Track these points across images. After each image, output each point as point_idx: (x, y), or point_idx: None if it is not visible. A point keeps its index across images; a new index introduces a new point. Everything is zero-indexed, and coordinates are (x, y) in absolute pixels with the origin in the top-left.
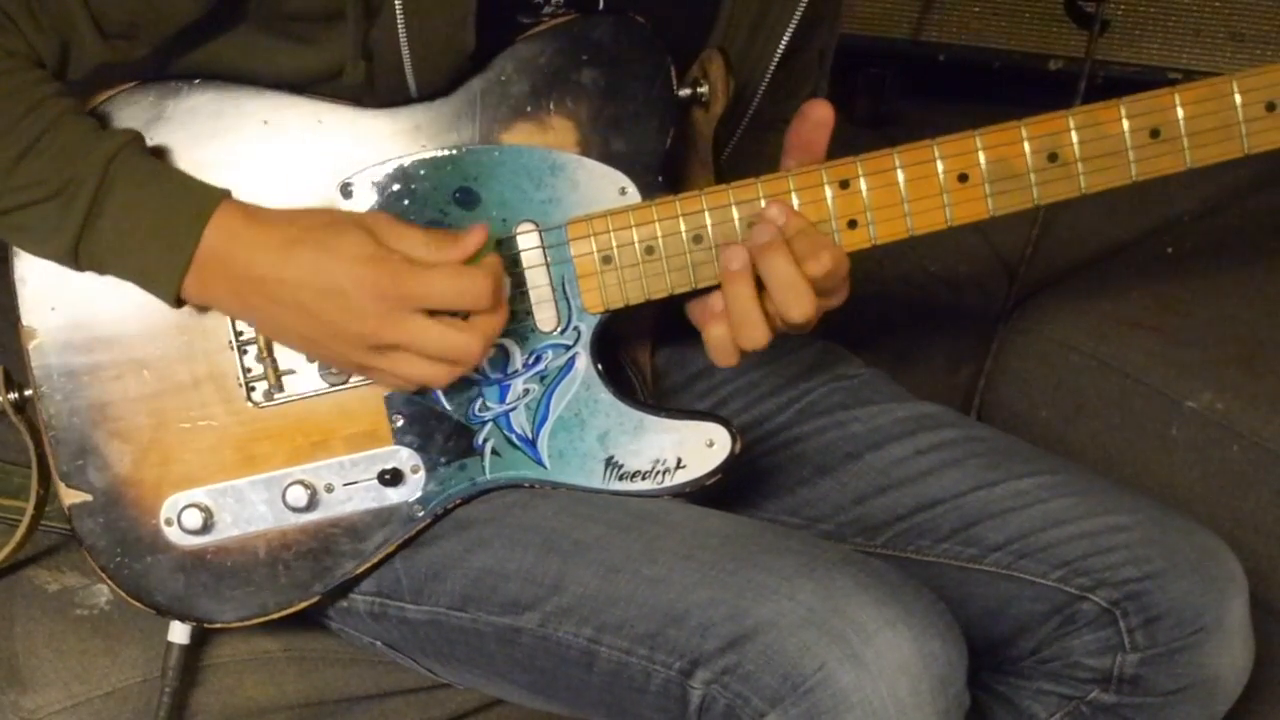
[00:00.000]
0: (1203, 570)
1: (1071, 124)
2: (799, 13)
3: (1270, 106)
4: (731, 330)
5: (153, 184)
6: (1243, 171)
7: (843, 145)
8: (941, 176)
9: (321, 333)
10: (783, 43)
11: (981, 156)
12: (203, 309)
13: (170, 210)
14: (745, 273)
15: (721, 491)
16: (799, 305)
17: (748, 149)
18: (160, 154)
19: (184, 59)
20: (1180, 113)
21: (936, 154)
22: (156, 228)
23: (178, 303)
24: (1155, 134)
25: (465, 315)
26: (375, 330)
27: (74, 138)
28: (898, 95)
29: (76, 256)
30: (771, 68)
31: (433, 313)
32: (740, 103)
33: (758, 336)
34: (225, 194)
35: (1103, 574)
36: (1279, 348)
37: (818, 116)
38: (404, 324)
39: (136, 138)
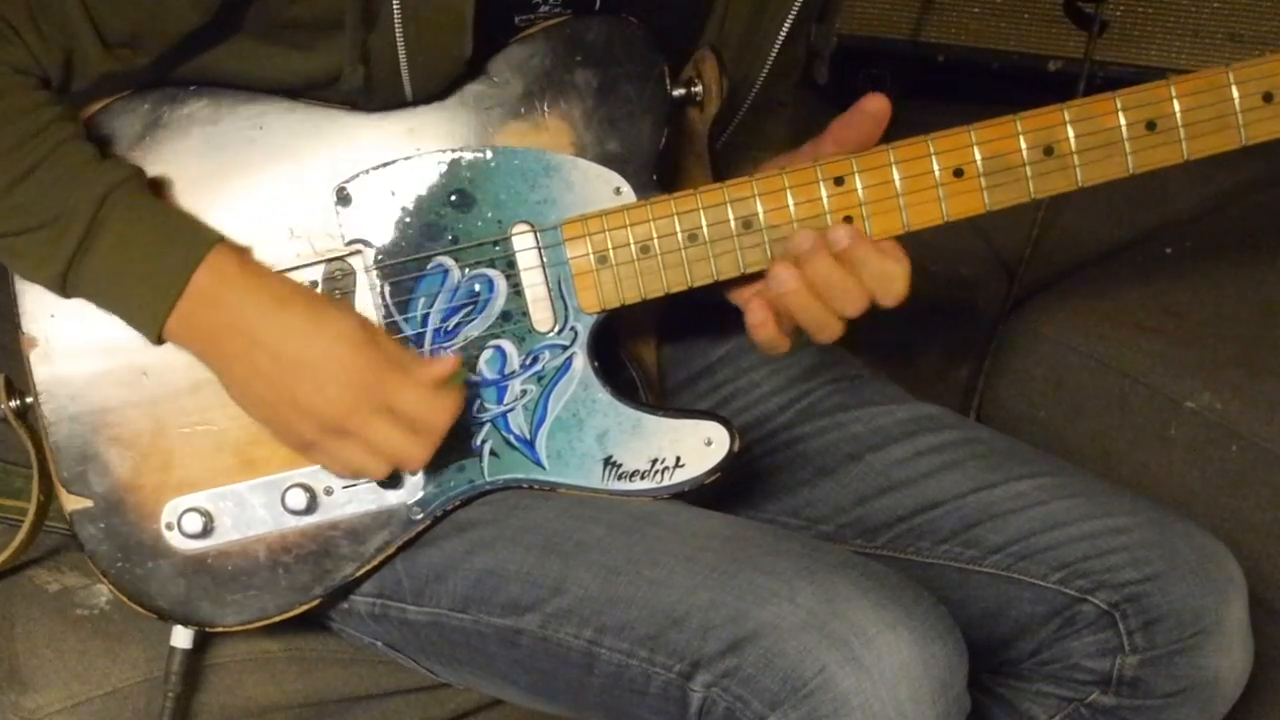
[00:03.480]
0: (1202, 572)
1: (1067, 117)
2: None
3: (1267, 97)
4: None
5: (146, 225)
6: (1241, 172)
7: None
8: (937, 171)
9: (282, 400)
10: (783, 30)
11: (976, 151)
12: None
13: (160, 254)
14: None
15: (722, 492)
16: (852, 303)
17: (741, 128)
18: (159, 165)
19: (183, 66)
20: (1176, 105)
21: (931, 149)
22: (145, 270)
23: (159, 341)
24: (1152, 126)
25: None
26: (339, 416)
27: (72, 168)
28: (897, 96)
29: (64, 287)
30: (773, 55)
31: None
32: (741, 89)
33: (832, 328)
34: (218, 239)
35: (1102, 576)
36: (1278, 348)
37: (875, 109)
38: (367, 418)
39: (136, 173)
